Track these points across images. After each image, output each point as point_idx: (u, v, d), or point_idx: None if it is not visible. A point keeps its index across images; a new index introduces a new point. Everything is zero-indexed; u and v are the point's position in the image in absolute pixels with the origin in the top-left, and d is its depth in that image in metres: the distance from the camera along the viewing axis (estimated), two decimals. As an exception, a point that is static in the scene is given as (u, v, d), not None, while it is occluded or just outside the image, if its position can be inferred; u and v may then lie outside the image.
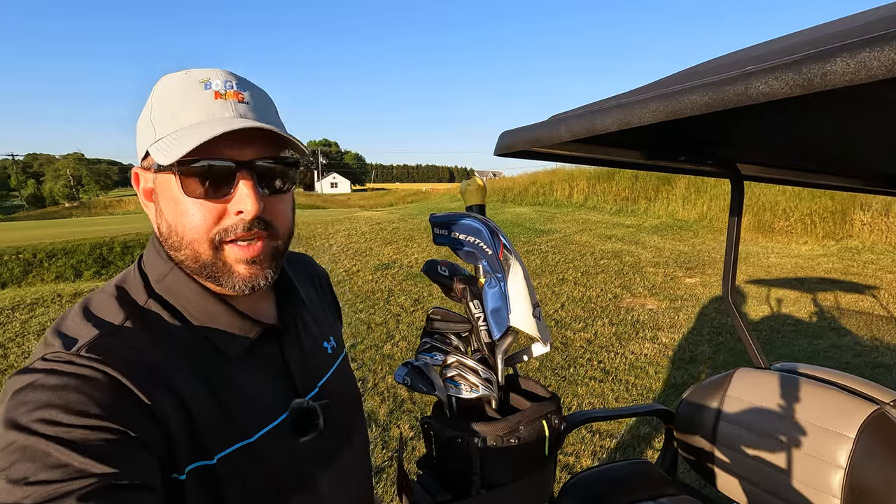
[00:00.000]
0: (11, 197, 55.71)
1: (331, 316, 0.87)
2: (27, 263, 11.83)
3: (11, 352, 4.58)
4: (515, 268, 0.79)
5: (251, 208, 0.58)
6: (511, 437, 0.68)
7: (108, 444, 0.48)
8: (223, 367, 0.62)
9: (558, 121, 0.72)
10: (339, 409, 0.74)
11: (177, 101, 0.59)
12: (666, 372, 4.16)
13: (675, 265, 8.15)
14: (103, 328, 0.57)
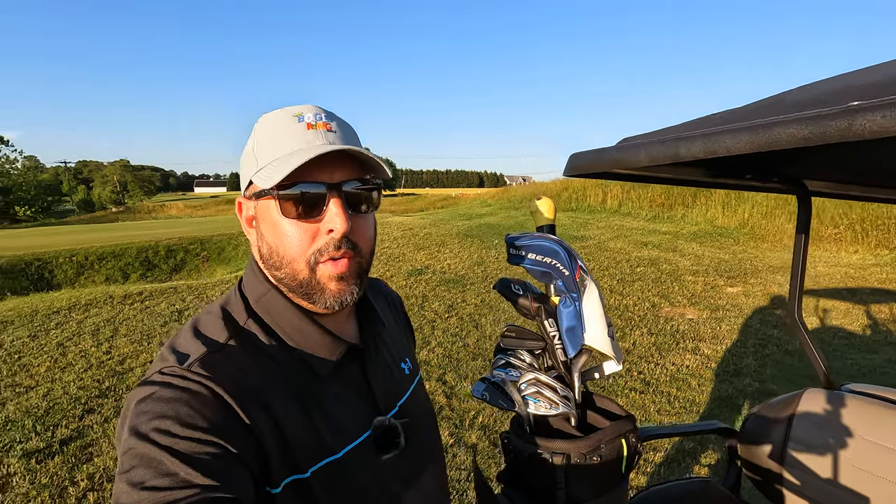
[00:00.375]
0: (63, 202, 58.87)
1: (405, 337, 0.90)
2: (79, 266, 12.49)
3: (69, 350, 4.84)
4: (591, 288, 0.80)
5: (340, 227, 0.63)
6: (593, 455, 0.69)
7: (211, 458, 0.53)
8: (314, 385, 0.67)
9: (637, 146, 0.73)
10: (420, 428, 0.76)
11: (275, 134, 0.65)
12: (710, 385, 4.05)
13: (716, 273, 7.91)
14: (211, 346, 0.64)
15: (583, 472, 0.70)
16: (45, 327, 5.57)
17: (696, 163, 0.92)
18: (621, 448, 0.72)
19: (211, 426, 0.55)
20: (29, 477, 2.78)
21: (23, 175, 44.51)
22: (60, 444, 3.14)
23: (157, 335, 5.27)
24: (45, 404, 3.68)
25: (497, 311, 6.03)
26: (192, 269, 13.37)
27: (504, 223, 14.56)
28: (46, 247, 13.67)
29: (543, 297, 0.86)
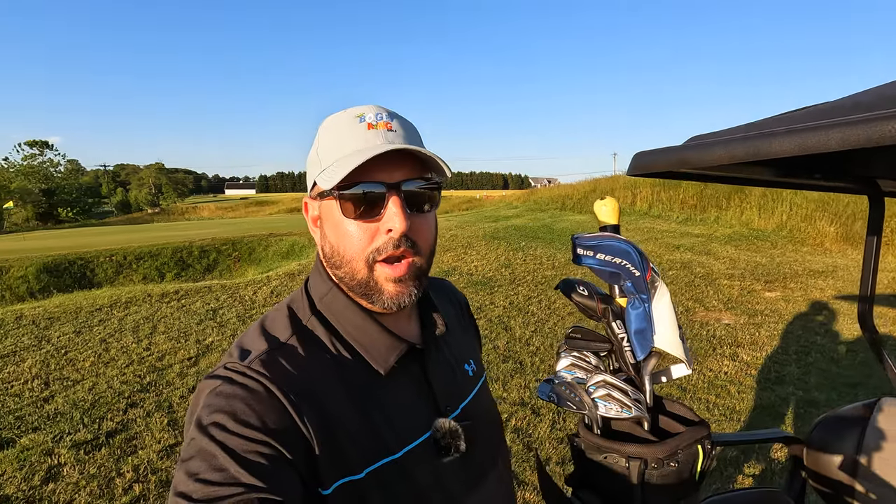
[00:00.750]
0: (103, 203, 61.26)
1: (470, 339, 0.89)
2: (118, 265, 12.96)
3: (112, 346, 5.02)
4: (662, 290, 0.78)
5: (399, 226, 0.63)
6: (671, 461, 0.67)
7: (260, 457, 0.54)
8: (373, 384, 0.67)
9: (714, 143, 0.71)
10: (482, 431, 0.75)
11: (337, 136, 0.66)
12: (750, 392, 3.92)
13: (753, 278, 7.66)
14: (272, 343, 0.65)
15: (660, 478, 0.68)
16: (89, 324, 5.80)
17: (769, 162, 0.89)
18: (697, 454, 0.70)
19: (263, 425, 0.56)
20: (78, 467, 2.89)
21: (65, 178, 46.54)
22: (106, 436, 3.25)
23: (193, 332, 5.42)
24: (91, 397, 3.82)
25: (526, 314, 5.98)
26: (224, 269, 13.71)
27: (530, 225, 14.45)
28: (88, 246, 14.25)
29: (609, 298, 0.84)
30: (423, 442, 0.68)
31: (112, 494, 2.66)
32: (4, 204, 34.13)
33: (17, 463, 2.93)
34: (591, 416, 0.74)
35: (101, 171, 72.78)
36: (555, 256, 9.46)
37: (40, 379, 4.19)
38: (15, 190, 39.16)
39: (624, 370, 0.80)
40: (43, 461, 2.95)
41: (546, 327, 5.50)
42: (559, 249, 10.15)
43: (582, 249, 0.80)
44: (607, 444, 0.71)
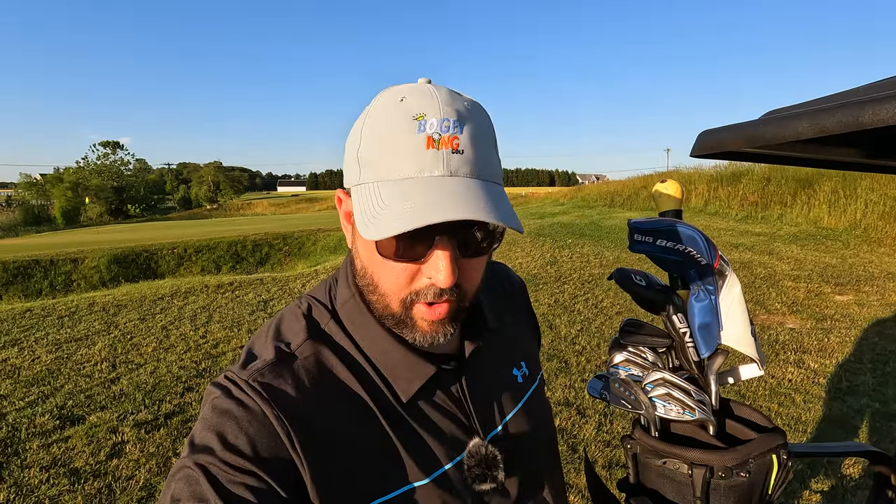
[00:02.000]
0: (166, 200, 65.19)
1: (526, 334, 0.81)
2: (179, 257, 13.73)
3: (172, 333, 5.31)
4: (732, 280, 0.71)
5: (444, 281, 0.51)
6: (741, 471, 0.60)
7: (245, 490, 0.48)
8: (394, 408, 0.59)
9: (797, 115, 0.63)
10: (527, 450, 0.67)
11: (388, 142, 0.51)
12: (818, 402, 3.63)
13: (821, 280, 7.12)
14: (279, 353, 0.58)
15: (728, 490, 0.61)
16: (152, 311, 6.16)
17: (866, 138, 0.79)
18: (771, 465, 0.62)
19: (252, 451, 0.50)
20: (139, 445, 3.07)
21: (134, 176, 49.83)
22: (165, 417, 3.44)
23: (246, 323, 5.64)
24: (152, 381, 4.05)
25: (572, 313, 5.83)
26: (276, 263, 14.23)
27: (578, 222, 14.09)
28: (153, 240, 15.18)
29: (668, 288, 0.77)
30: (456, 466, 0.60)
31: (168, 473, 2.80)
32: (83, 201, 36.98)
33: (87, 438, 3.14)
34: (647, 417, 0.68)
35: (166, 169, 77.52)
36: (602, 254, 9.17)
37: (108, 361, 4.49)
38: (91, 187, 42.37)
39: (686, 368, 0.73)
40: (109, 438, 3.15)
41: (592, 326, 5.34)
42: (607, 247, 9.84)
43: (639, 235, 0.74)
44: (667, 448, 0.64)
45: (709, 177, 15.28)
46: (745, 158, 0.88)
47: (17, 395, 3.78)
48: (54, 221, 36.28)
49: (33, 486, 2.67)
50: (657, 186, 0.80)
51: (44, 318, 5.86)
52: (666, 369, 0.72)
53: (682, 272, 0.74)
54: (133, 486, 2.67)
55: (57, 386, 3.96)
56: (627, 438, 0.71)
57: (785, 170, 13.19)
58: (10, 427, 3.27)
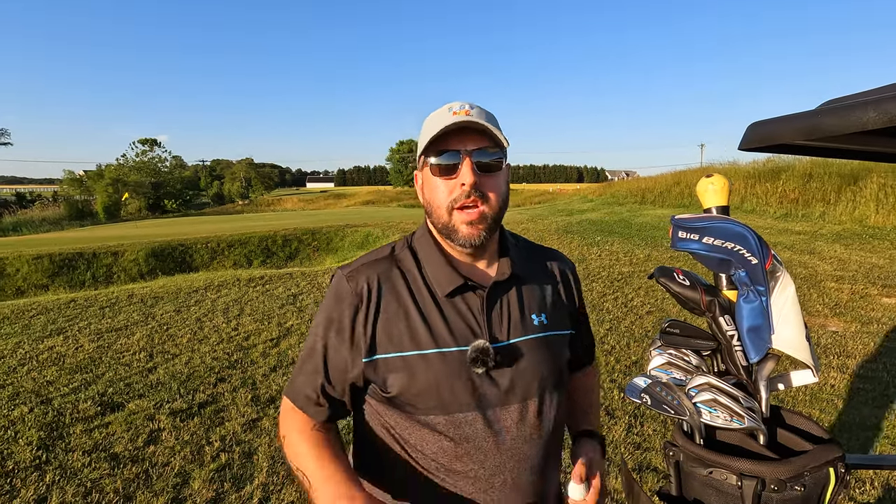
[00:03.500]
0: (201, 196, 67.04)
1: (558, 300, 1.02)
2: (213, 251, 14.11)
3: (205, 325, 5.45)
4: (785, 280, 0.66)
5: (469, 181, 0.85)
6: (796, 484, 0.56)
7: (329, 331, 0.90)
8: (434, 301, 0.90)
9: (859, 105, 0.58)
10: (523, 368, 0.89)
11: (432, 122, 0.89)
12: (864, 409, 3.45)
13: (867, 281, 6.78)
14: (369, 258, 0.96)
15: (780, 503, 0.57)
16: (187, 303, 6.35)
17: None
18: (828, 479, 0.58)
19: (337, 308, 0.90)
20: (174, 433, 3.16)
21: (170, 172, 51.42)
22: (199, 406, 3.53)
23: (276, 316, 5.75)
24: (187, 371, 4.17)
25: (601, 311, 5.71)
26: (305, 258, 14.47)
27: (607, 219, 13.83)
28: (188, 234, 15.65)
29: (714, 289, 0.73)
30: (461, 351, 0.86)
31: (202, 461, 2.87)
32: (122, 196, 38.43)
33: (126, 425, 3.26)
34: (692, 423, 0.64)
35: (200, 165, 79.72)
36: (633, 252, 8.97)
37: (146, 351, 4.65)
38: (130, 183, 43.97)
39: (732, 373, 0.69)
40: (146, 425, 3.26)
41: (622, 326, 5.22)
42: (637, 245, 9.62)
43: (684, 232, 0.70)
44: (714, 457, 0.61)
45: (746, 173, 14.75)
46: (797, 151, 0.83)
47: (62, 381, 3.96)
48: (96, 216, 37.85)
49: (76, 469, 2.78)
50: (702, 182, 0.76)
51: (86, 309, 6.11)
52: (711, 374, 0.69)
53: (729, 272, 0.70)
54: (168, 473, 2.75)
55: (98, 374, 4.12)
56: (670, 445, 0.68)
57: (828, 165, 12.60)
58: (55, 412, 3.43)
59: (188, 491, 2.61)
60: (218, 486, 2.65)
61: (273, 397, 3.69)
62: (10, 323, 5.58)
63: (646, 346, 4.58)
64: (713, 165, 18.74)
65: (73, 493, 2.58)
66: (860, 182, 11.56)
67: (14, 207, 39.81)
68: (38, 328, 5.36)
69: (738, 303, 0.69)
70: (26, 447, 2.98)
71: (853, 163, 11.21)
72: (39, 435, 3.11)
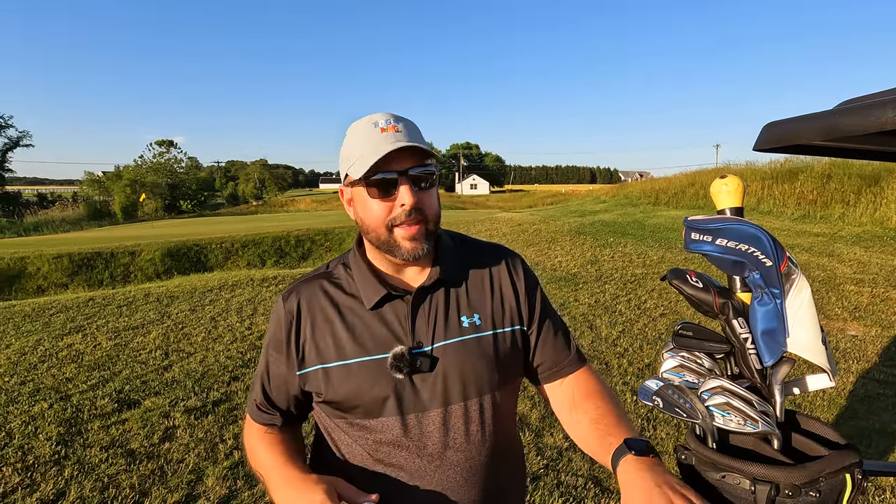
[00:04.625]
0: (216, 196, 67.91)
1: (501, 297, 1.00)
2: (227, 251, 14.29)
3: (220, 324, 5.52)
4: (801, 284, 0.65)
5: (409, 202, 0.86)
6: (811, 490, 0.56)
7: (269, 349, 0.97)
8: (362, 313, 0.94)
9: (879, 104, 0.57)
10: (445, 372, 0.91)
11: (359, 138, 0.90)
12: (884, 415, 3.38)
13: (888, 284, 6.63)
14: (304, 277, 1.01)
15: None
16: (202, 303, 6.43)
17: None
18: (844, 485, 0.57)
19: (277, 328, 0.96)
20: (189, 430, 3.21)
21: (186, 173, 52.21)
22: (213, 404, 3.58)
23: (289, 316, 5.80)
24: (202, 369, 4.23)
25: (613, 314, 5.67)
26: (317, 258, 14.57)
27: (620, 220, 13.71)
28: (203, 234, 15.86)
29: (728, 291, 0.72)
30: (381, 359, 0.90)
31: (215, 458, 2.91)
32: (139, 197, 39.11)
33: (142, 422, 3.31)
34: (704, 427, 0.64)
35: (215, 167, 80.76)
36: (646, 254, 8.88)
37: (161, 349, 4.72)
38: (147, 184, 44.74)
39: (746, 376, 0.68)
40: (161, 422, 3.32)
41: (635, 328, 5.17)
42: (651, 246, 9.52)
43: (697, 234, 0.69)
44: (727, 461, 0.60)
45: (763, 173, 14.52)
46: (814, 152, 0.82)
47: (81, 378, 4.04)
48: (115, 216, 38.58)
49: (94, 465, 2.84)
50: (716, 183, 0.75)
51: (104, 307, 6.23)
52: (724, 377, 0.68)
53: (743, 274, 0.69)
54: (183, 470, 2.79)
55: (115, 371, 4.20)
56: (682, 449, 0.67)
57: (848, 166, 12.36)
58: (74, 408, 3.50)
59: (202, 488, 2.64)
60: (231, 483, 2.68)
61: (285, 396, 3.73)
62: (31, 321, 5.71)
63: (659, 348, 4.53)
64: (729, 166, 18.49)
65: (90, 487, 2.63)
66: (881, 183, 11.31)
67: (35, 208, 40.73)
68: (58, 326, 5.48)
69: (752, 305, 0.68)
70: (46, 442, 3.05)
71: (873, 163, 10.97)
72: (59, 430, 3.18)
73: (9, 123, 40.51)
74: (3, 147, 40.74)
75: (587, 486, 2.64)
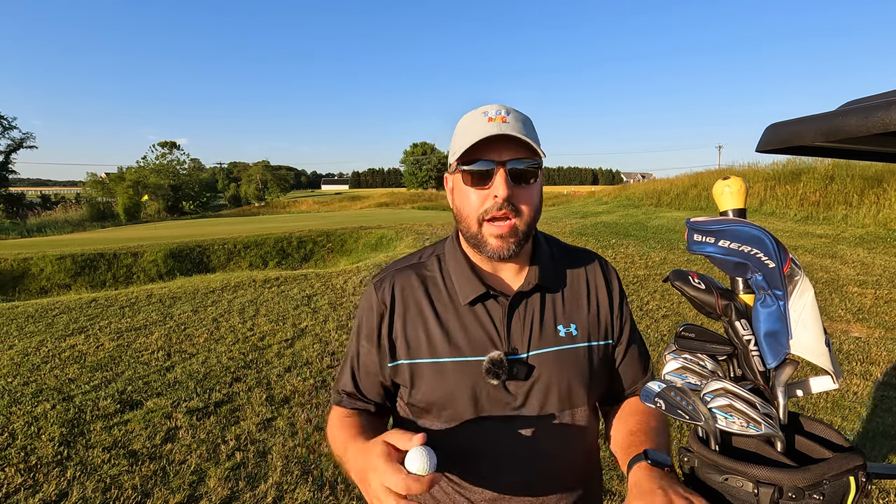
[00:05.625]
0: (218, 197, 68.00)
1: (596, 309, 0.97)
2: (229, 252, 14.31)
3: (222, 325, 5.53)
4: (804, 285, 0.65)
5: (501, 193, 0.82)
6: (814, 492, 0.55)
7: (361, 337, 0.96)
8: (455, 309, 0.91)
9: (883, 105, 0.57)
10: (539, 381, 0.88)
11: (467, 126, 0.86)
12: (888, 418, 3.36)
13: (891, 285, 6.61)
14: (396, 265, 0.99)
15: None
16: (204, 304, 6.44)
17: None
18: (848, 488, 0.57)
19: (369, 312, 0.94)
20: (191, 431, 3.21)
21: (189, 175, 52.29)
22: (215, 405, 3.58)
23: (290, 317, 5.80)
24: (204, 370, 4.24)
25: (616, 314, 5.65)
26: (319, 259, 14.59)
27: (622, 222, 13.69)
28: (205, 235, 15.89)
29: (730, 293, 0.72)
30: (476, 361, 0.87)
31: (217, 459, 2.91)
32: (141, 198, 39.20)
33: (144, 423, 3.32)
34: (706, 429, 0.63)
35: (218, 168, 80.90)
36: (648, 255, 8.86)
37: (164, 350, 4.73)
38: (150, 185, 44.83)
39: (749, 378, 0.68)
40: (163, 423, 3.32)
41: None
42: (653, 248, 9.50)
43: (700, 235, 0.69)
44: (730, 463, 0.60)
45: (765, 174, 14.48)
46: (817, 153, 0.81)
47: (83, 379, 4.05)
48: (118, 217, 38.67)
49: (96, 466, 2.84)
50: (718, 185, 0.75)
51: (107, 308, 6.25)
52: (727, 379, 0.68)
53: (745, 275, 0.69)
54: (185, 471, 2.80)
55: (118, 372, 4.21)
56: (684, 451, 0.67)
57: (851, 167, 12.32)
58: (76, 409, 3.51)
59: (204, 489, 2.64)
60: (233, 484, 2.68)
61: (287, 397, 3.73)
62: (35, 321, 5.73)
63: (661, 350, 4.52)
64: (732, 167, 18.46)
65: (92, 488, 2.63)
66: (884, 184, 11.27)
67: (39, 209, 40.85)
68: (61, 327, 5.49)
69: (754, 307, 0.67)
70: (48, 443, 3.05)
71: (876, 165, 10.95)
72: (61, 431, 3.19)
73: (13, 125, 40.65)
74: (7, 148, 40.85)
75: (589, 488, 2.63)
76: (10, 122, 40.63)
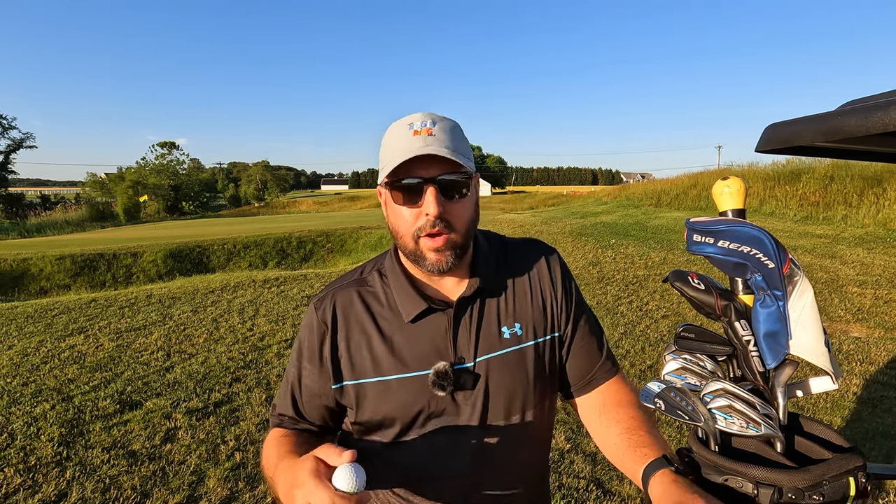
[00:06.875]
0: (218, 198, 67.97)
1: (541, 300, 0.95)
2: (229, 252, 14.31)
3: (221, 325, 5.53)
4: (804, 286, 0.65)
5: (433, 211, 0.80)
6: (814, 493, 0.55)
7: (302, 358, 0.92)
8: (399, 326, 0.88)
9: (884, 105, 0.57)
10: (488, 388, 0.87)
11: (392, 140, 0.84)
12: (887, 418, 3.36)
13: (891, 286, 6.60)
14: (336, 283, 0.95)
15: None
16: (204, 304, 6.44)
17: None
18: (848, 489, 0.57)
19: (310, 335, 0.91)
20: (191, 432, 3.21)
21: (189, 175, 52.29)
22: (214, 406, 3.58)
23: (290, 317, 5.80)
24: (203, 370, 4.23)
25: (615, 315, 5.66)
26: (319, 259, 14.59)
27: (621, 222, 13.70)
28: (205, 236, 15.88)
29: (730, 293, 0.72)
30: (422, 376, 0.86)
31: (217, 459, 2.91)
32: (141, 198, 39.18)
33: (143, 423, 3.32)
34: (706, 430, 0.63)
35: (217, 168, 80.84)
36: (648, 255, 8.87)
37: (163, 351, 4.73)
38: (149, 186, 44.85)
39: (749, 379, 0.68)
40: (163, 423, 3.32)
41: (637, 330, 5.16)
42: (653, 248, 9.50)
43: (699, 235, 0.69)
44: (730, 464, 0.60)
45: (765, 175, 14.49)
46: (817, 153, 0.81)
47: (83, 379, 4.05)
48: (117, 218, 38.65)
49: (96, 466, 2.84)
50: (718, 185, 0.75)
51: (107, 308, 6.25)
52: (726, 379, 0.68)
53: (745, 276, 0.69)
54: (184, 471, 2.79)
55: (117, 372, 4.21)
56: (684, 452, 0.67)
57: (850, 167, 12.33)
58: (76, 409, 3.51)
59: (203, 489, 2.64)
60: (232, 484, 2.68)
61: (287, 398, 3.72)
62: (34, 322, 5.73)
63: (661, 350, 4.52)
64: (731, 167, 18.47)
65: (92, 488, 2.63)
66: (884, 184, 11.27)
67: (38, 209, 40.83)
68: (61, 327, 5.49)
69: (754, 307, 0.67)
70: (48, 443, 3.05)
71: (876, 165, 10.96)
72: (60, 431, 3.19)
73: (12, 125, 40.65)
74: (7, 148, 40.87)
75: (589, 488, 2.63)
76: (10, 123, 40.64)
